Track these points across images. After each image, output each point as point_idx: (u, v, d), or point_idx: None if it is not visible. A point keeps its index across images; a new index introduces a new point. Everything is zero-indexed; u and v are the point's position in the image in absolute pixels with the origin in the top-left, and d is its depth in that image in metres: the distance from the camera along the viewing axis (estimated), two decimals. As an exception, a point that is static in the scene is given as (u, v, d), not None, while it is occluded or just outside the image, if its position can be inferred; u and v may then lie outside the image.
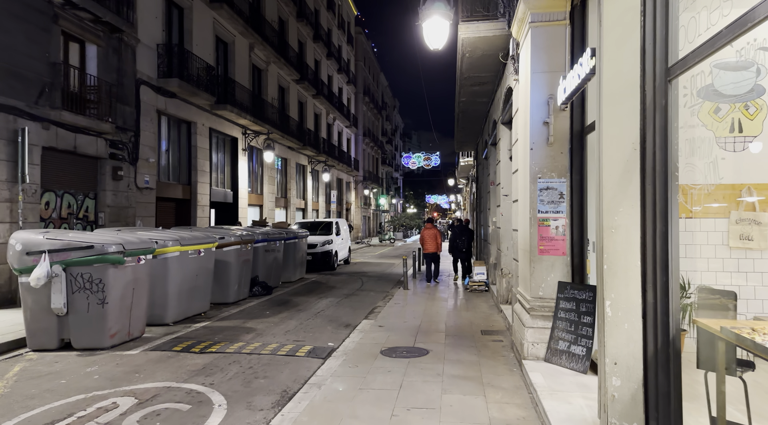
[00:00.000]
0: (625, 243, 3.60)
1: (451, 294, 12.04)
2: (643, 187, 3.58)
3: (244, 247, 11.14)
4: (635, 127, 3.60)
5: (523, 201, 6.37)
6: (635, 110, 3.61)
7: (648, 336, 3.53)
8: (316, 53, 31.62)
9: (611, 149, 3.65)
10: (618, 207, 3.63)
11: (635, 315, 3.56)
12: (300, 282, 14.79)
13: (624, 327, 3.58)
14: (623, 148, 3.62)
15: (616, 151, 3.64)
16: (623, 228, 3.61)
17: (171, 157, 16.32)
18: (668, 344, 3.43)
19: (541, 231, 5.87)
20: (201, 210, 17.24)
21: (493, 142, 11.51)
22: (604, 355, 3.63)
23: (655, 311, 3.51)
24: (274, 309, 10.19)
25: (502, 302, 9.42)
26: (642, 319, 3.55)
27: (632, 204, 3.60)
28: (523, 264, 6.34)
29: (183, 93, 15.55)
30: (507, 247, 9.45)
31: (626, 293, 3.59)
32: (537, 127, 5.89)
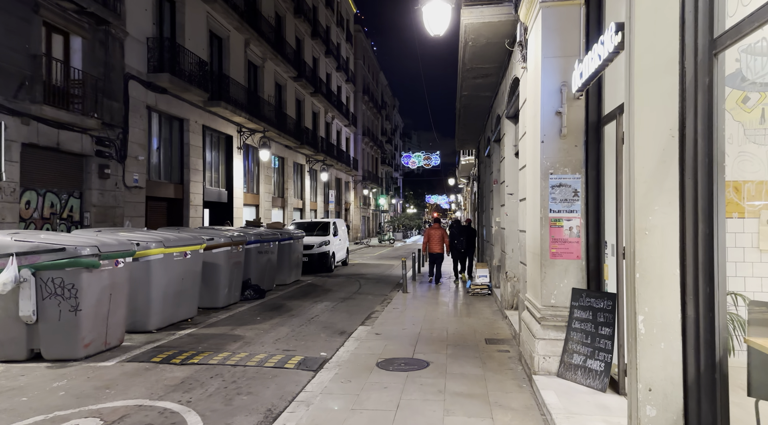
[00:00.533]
0: (661, 247, 3.06)
1: (452, 297, 11.49)
2: (682, 181, 3.04)
3: (235, 249, 10.60)
4: (673, 111, 3.06)
5: (532, 199, 5.83)
6: (673, 90, 3.07)
7: (688, 357, 2.99)
8: (314, 50, 31.09)
9: (644, 137, 3.10)
10: (652, 204, 3.09)
11: (673, 333, 3.02)
12: (295, 284, 14.25)
13: (660, 346, 3.04)
14: (659, 135, 3.08)
15: (651, 138, 3.09)
16: (659, 230, 3.07)
17: (162, 155, 15.78)
18: (713, 367, 2.89)
19: (553, 232, 5.32)
20: (194, 210, 16.70)
21: (497, 138, 10.97)
22: (636, 380, 3.08)
23: (698, 328, 2.96)
24: (266, 315, 9.65)
25: (506, 307, 8.88)
26: (681, 337, 3.01)
27: (669, 201, 3.06)
28: (532, 269, 5.80)
29: (174, 88, 15.01)
30: (512, 249, 8.91)
31: (662, 306, 3.05)
32: (548, 118, 5.34)
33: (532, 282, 5.82)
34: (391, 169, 67.25)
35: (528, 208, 6.13)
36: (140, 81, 13.87)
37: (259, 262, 12.10)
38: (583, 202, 5.31)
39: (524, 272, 6.58)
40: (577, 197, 5.32)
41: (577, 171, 5.31)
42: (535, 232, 5.58)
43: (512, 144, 8.91)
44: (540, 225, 5.37)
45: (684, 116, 3.03)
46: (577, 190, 5.32)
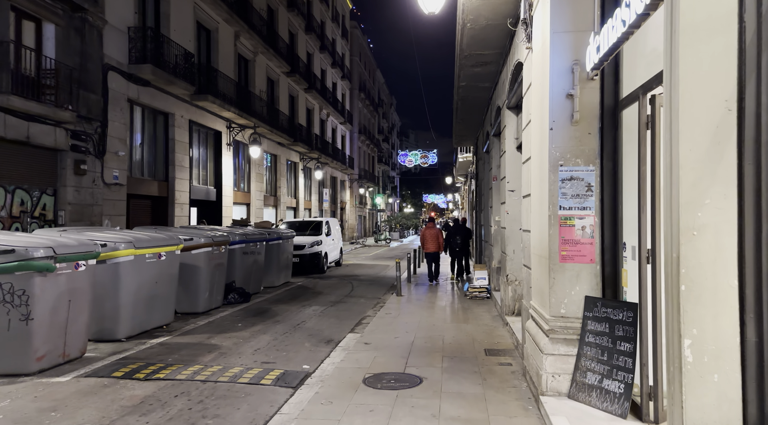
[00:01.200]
0: (714, 251, 2.40)
1: (449, 301, 10.83)
2: (740, 167, 2.37)
3: (217, 250, 9.91)
4: (729, 77, 2.39)
5: (538, 195, 5.16)
6: (728, 52, 2.40)
7: (749, 393, 2.33)
8: (308, 45, 30.39)
9: (692, 112, 2.44)
10: (702, 197, 2.42)
11: (730, 362, 2.36)
12: (284, 287, 13.57)
13: (713, 379, 2.38)
14: (711, 109, 2.41)
15: (700, 113, 2.42)
16: (710, 230, 2.41)
17: (146, 150, 15.07)
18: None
19: (563, 232, 4.66)
20: (179, 208, 16.00)
21: (496, 132, 10.31)
22: (682, 420, 2.42)
23: (761, 355, 2.30)
24: (248, 321, 8.97)
25: (507, 313, 8.22)
26: (741, 368, 2.35)
27: (725, 193, 2.40)
28: (538, 274, 5.14)
29: (158, 81, 14.30)
30: (513, 250, 8.25)
31: (716, 328, 2.39)
32: (558, 102, 4.68)
33: (538, 289, 5.15)
34: (388, 167, 66.57)
35: (533, 205, 5.47)
36: (121, 72, 13.17)
37: (244, 264, 11.42)
38: (597, 197, 4.65)
39: (528, 276, 5.92)
40: (590, 192, 4.65)
41: (590, 162, 4.65)
42: (542, 232, 4.92)
43: (513, 136, 8.26)
44: (548, 225, 4.70)
45: (743, 84, 2.36)
46: (590, 184, 4.66)
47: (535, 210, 5.38)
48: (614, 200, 4.61)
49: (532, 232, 5.53)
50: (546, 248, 4.77)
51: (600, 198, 4.65)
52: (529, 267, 5.86)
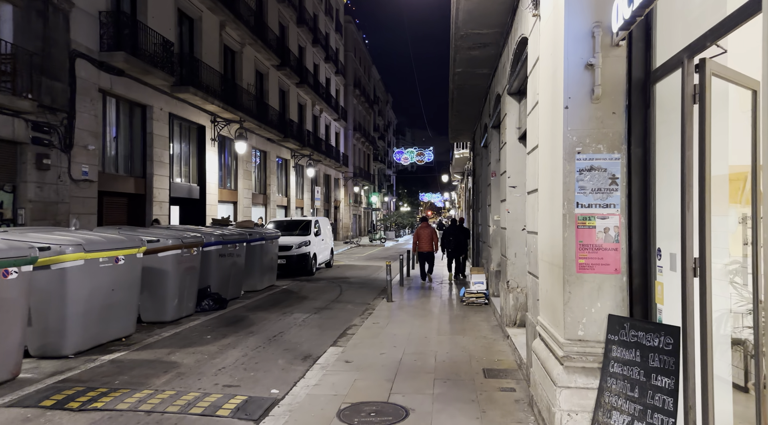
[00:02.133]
0: None
1: (443, 307, 9.93)
2: None
3: (187, 252, 8.99)
4: None
5: (548, 190, 4.27)
6: None
7: None
8: (300, 39, 29.44)
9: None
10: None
11: None
12: (267, 291, 12.65)
13: None
14: None
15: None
16: None
17: (121, 145, 14.13)
18: None
19: (581, 235, 3.76)
20: (158, 207, 15.06)
21: (496, 123, 9.42)
22: None
23: None
24: (219, 332, 8.05)
25: (508, 323, 7.33)
26: None
27: None
28: (549, 285, 4.24)
29: (133, 70, 13.34)
30: (515, 254, 7.36)
31: None
32: (575, 75, 3.78)
33: (549, 304, 4.26)
34: (384, 166, 65.67)
35: (542, 203, 4.57)
36: (90, 60, 12.21)
37: (221, 267, 10.49)
38: (623, 192, 3.75)
39: (534, 286, 5.03)
40: (615, 185, 3.76)
41: (615, 148, 3.75)
42: (554, 235, 4.02)
43: (515, 126, 7.36)
44: (562, 226, 3.81)
45: None
46: (614, 176, 3.76)
47: (544, 208, 4.49)
48: (645, 195, 3.72)
49: (540, 235, 4.63)
50: (559, 254, 3.87)
51: (627, 192, 3.75)
52: (535, 276, 4.96)
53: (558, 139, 3.91)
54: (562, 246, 3.80)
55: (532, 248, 5.18)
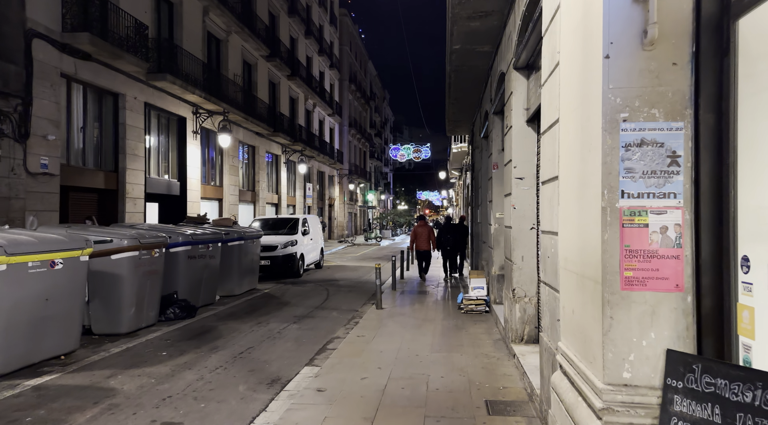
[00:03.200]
0: None
1: (439, 316, 8.84)
2: None
3: (147, 254, 7.88)
4: None
5: (578, 176, 3.17)
6: None
7: None
8: (291, 29, 28.27)
9: None
10: None
11: None
12: (246, 295, 11.54)
13: None
14: None
15: None
16: None
17: (89, 136, 12.99)
18: None
19: (628, 237, 2.67)
20: (132, 203, 13.93)
21: (499, 108, 8.33)
22: None
23: None
24: (179, 347, 6.95)
25: (514, 339, 6.23)
26: None
27: None
28: (577, 304, 3.15)
29: (101, 54, 12.20)
30: (522, 257, 6.26)
31: None
32: (620, 10, 2.69)
33: (577, 330, 3.16)
34: (381, 163, 64.55)
35: (565, 193, 3.47)
36: (50, 41, 11.06)
37: (190, 270, 9.38)
38: (687, 176, 2.66)
39: (552, 301, 3.94)
40: (676, 167, 2.67)
41: (676, 114, 2.66)
42: (586, 236, 2.93)
43: (522, 106, 6.27)
44: (601, 224, 2.71)
45: None
46: (675, 153, 2.67)
47: (569, 200, 3.39)
48: (718, 180, 2.63)
49: (563, 236, 3.53)
50: (594, 264, 2.78)
51: (693, 177, 2.66)
52: (554, 289, 3.87)
53: (593, 104, 2.82)
54: (601, 252, 2.71)
55: (549, 252, 4.08)
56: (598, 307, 2.75)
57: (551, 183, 3.97)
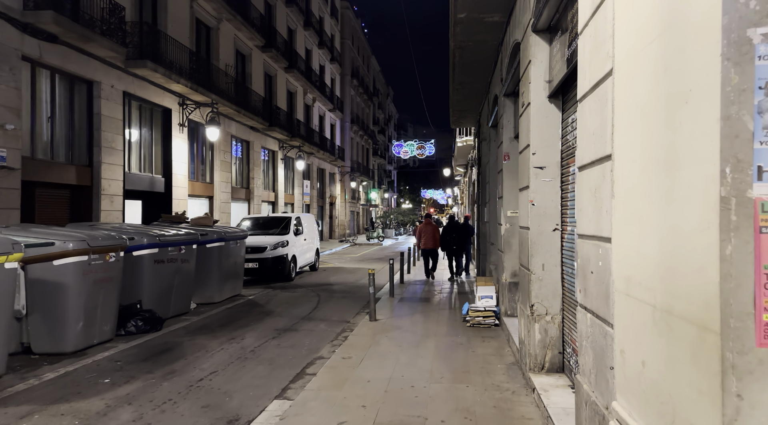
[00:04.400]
0: None
1: (441, 330, 7.64)
2: None
3: (99, 259, 6.74)
4: None
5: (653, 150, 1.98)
6: None
7: None
8: (289, 20, 27.11)
9: None
10: None
11: None
12: (228, 303, 10.39)
13: None
14: None
15: None
16: None
17: (58, 126, 11.87)
18: None
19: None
20: (109, 201, 12.81)
21: (512, 89, 7.14)
22: None
23: None
24: (128, 371, 5.80)
25: (533, 367, 5.04)
26: None
27: None
28: (656, 354, 1.96)
29: (70, 36, 11.08)
30: (543, 265, 5.06)
31: None
32: None
33: (655, 397, 1.97)
34: (384, 161, 63.34)
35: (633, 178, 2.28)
36: (9, 19, 9.94)
37: (158, 276, 8.24)
38: None
39: (600, 338, 2.74)
40: None
41: None
42: (680, 248, 1.75)
43: (543, 78, 5.07)
44: (719, 226, 1.53)
45: None
46: None
47: (638, 188, 2.19)
48: None
49: (624, 243, 2.34)
50: (701, 295, 1.60)
51: None
52: (604, 321, 2.66)
53: (696, 21, 1.62)
54: (719, 277, 1.53)
55: (593, 265, 2.88)
56: (707, 372, 1.57)
57: (598, 166, 2.77)
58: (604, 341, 2.64)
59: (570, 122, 4.65)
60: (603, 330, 2.65)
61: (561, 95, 4.96)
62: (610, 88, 2.53)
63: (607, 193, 2.57)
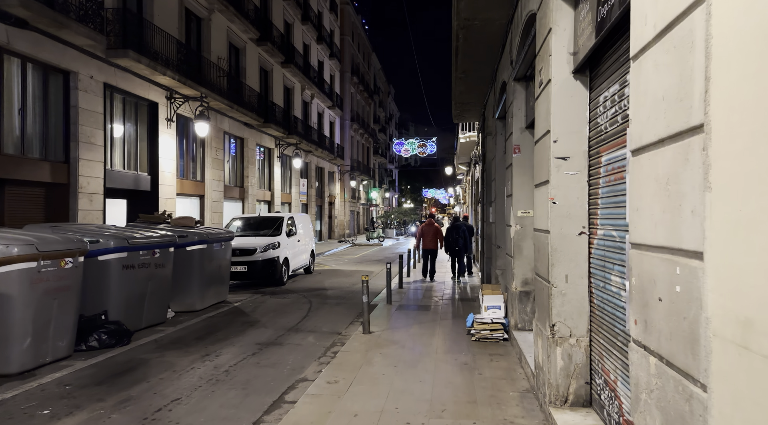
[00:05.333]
0: None
1: (442, 346, 6.77)
2: None
3: (52, 265, 5.88)
4: None
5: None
6: None
7: None
8: (286, 13, 26.24)
9: None
10: None
11: None
12: (210, 310, 9.53)
13: None
14: None
15: None
16: None
17: (30, 120, 11.03)
18: None
19: None
20: (87, 200, 11.97)
21: (522, 72, 6.29)
22: None
23: None
24: (75, 399, 4.94)
25: (553, 400, 4.16)
26: None
27: None
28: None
29: (40, 21, 10.24)
30: (566, 277, 4.19)
31: None
32: None
33: None
34: (385, 160, 62.46)
35: (751, 161, 1.42)
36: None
37: (127, 283, 7.39)
38: None
39: (679, 399, 1.87)
40: None
41: None
42: None
43: (568, 50, 4.20)
44: None
45: None
46: None
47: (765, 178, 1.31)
48: None
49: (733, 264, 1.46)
50: None
51: None
52: (685, 375, 1.79)
53: None
54: None
55: (663, 291, 2.00)
56: None
57: (672, 145, 1.89)
58: (685, 406, 1.77)
59: (602, 101, 3.78)
60: (683, 389, 1.79)
61: (589, 70, 4.10)
62: (699, 23, 1.66)
63: (694, 184, 1.70)
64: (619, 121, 3.43)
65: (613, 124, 3.55)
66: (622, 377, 3.40)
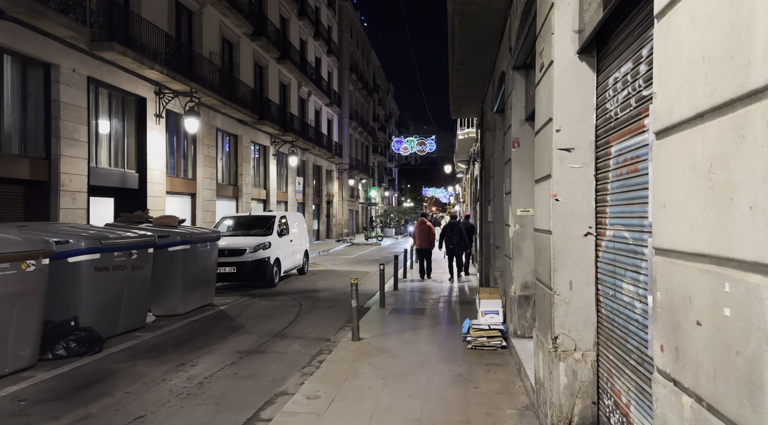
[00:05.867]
0: None
1: (435, 355, 6.30)
2: None
3: (10, 268, 5.42)
4: None
5: None
6: None
7: None
8: (282, 8, 25.75)
9: None
10: None
11: None
12: (194, 314, 9.06)
13: None
14: None
15: None
16: None
17: (8, 114, 10.56)
18: None
19: None
20: (70, 198, 11.51)
21: (522, 60, 5.82)
22: None
23: None
24: (30, 416, 4.49)
25: (556, 422, 3.69)
26: None
27: None
28: None
29: (16, 11, 9.77)
30: (570, 282, 3.72)
31: None
32: None
33: None
34: (385, 158, 61.94)
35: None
36: (-60, -12, 8.65)
37: (101, 286, 6.92)
38: None
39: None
40: None
41: None
42: None
43: (572, 27, 3.73)
44: None
45: None
46: None
47: None
48: None
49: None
50: None
51: None
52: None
53: None
54: None
55: (705, 313, 1.53)
56: None
57: (717, 120, 1.43)
58: None
59: (611, 83, 3.31)
60: None
61: (596, 50, 3.63)
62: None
63: (753, 170, 1.23)
64: (632, 104, 2.96)
65: (625, 109, 3.08)
66: (636, 401, 2.93)
